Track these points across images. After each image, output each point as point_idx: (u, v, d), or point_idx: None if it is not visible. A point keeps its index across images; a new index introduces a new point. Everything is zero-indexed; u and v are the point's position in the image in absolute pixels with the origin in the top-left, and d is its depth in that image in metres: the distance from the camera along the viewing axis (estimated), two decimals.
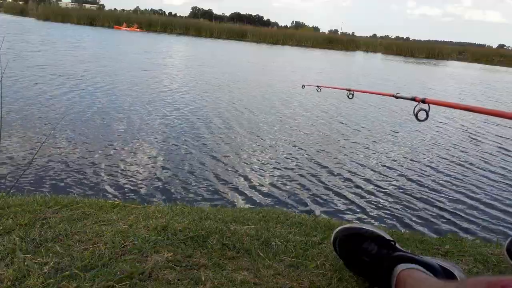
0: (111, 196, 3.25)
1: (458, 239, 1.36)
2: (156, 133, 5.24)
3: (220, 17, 76.59)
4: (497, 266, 1.13)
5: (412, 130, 6.88)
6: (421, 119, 1.07)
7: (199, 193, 3.55)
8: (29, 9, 44.66)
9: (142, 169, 3.98)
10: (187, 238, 1.07)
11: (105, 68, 10.59)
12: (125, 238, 1.04)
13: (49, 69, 9.29)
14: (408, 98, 1.18)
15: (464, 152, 5.75)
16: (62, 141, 4.50)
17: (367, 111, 8.38)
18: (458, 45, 56.22)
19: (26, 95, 6.45)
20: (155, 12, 74.04)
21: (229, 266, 0.96)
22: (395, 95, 1.29)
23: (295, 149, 5.15)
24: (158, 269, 0.91)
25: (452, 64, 33.29)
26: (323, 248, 1.10)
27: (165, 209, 1.34)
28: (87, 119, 5.50)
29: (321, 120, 7.07)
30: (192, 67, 13.66)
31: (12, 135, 4.48)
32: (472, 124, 7.85)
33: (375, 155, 5.23)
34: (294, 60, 21.36)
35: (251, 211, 1.43)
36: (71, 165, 3.85)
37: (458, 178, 4.57)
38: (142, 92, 7.89)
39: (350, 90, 1.90)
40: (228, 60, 17.63)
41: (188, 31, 36.34)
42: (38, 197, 1.35)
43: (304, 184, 3.98)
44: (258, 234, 1.15)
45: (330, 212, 3.43)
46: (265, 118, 6.77)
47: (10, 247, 0.95)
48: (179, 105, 7.06)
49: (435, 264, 0.88)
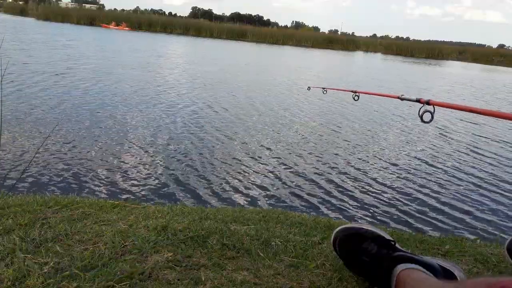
0: (111, 196, 3.25)
1: (458, 239, 1.36)
2: (157, 133, 5.24)
3: (220, 17, 76.63)
4: (497, 266, 1.13)
5: (413, 131, 6.89)
6: (426, 121, 1.07)
7: (199, 193, 3.55)
8: (29, 9, 44.68)
9: (142, 169, 3.98)
10: (187, 238, 1.07)
11: (100, 66, 10.60)
12: (125, 238, 1.04)
13: (45, 67, 9.30)
14: (413, 100, 1.19)
15: (464, 152, 5.75)
16: (62, 141, 4.50)
17: (371, 112, 8.38)
18: (458, 45, 56.23)
19: (24, 95, 6.45)
20: (155, 12, 74.07)
21: (229, 266, 0.96)
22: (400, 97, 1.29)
23: (296, 149, 5.15)
24: (158, 269, 0.91)
25: (452, 64, 33.30)
26: (323, 248, 1.11)
27: (165, 209, 1.34)
28: (86, 119, 5.50)
29: (323, 121, 7.07)
30: (195, 68, 13.66)
31: (12, 135, 4.48)
32: (475, 125, 7.86)
33: (376, 155, 5.24)
34: (295, 60, 21.37)
35: (251, 211, 1.43)
36: (71, 165, 3.85)
37: (458, 178, 4.57)
38: (144, 92, 7.88)
39: (355, 92, 1.89)
40: (233, 60, 17.64)
41: (188, 31, 36.33)
42: (38, 197, 1.35)
43: (305, 184, 3.98)
44: (258, 234, 1.15)
45: (330, 212, 3.43)
46: (266, 118, 6.77)
47: (10, 247, 0.95)
48: (180, 105, 7.06)
49: (435, 264, 0.88)
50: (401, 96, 1.29)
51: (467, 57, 40.71)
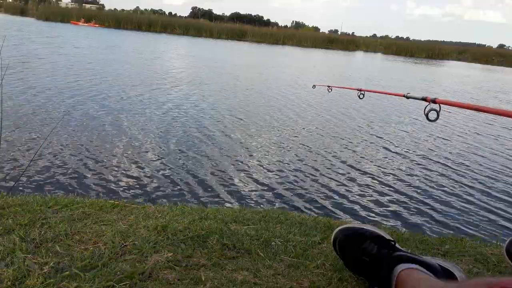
0: (111, 196, 3.25)
1: (458, 239, 1.36)
2: (157, 133, 5.23)
3: (220, 17, 76.52)
4: (497, 266, 1.13)
5: (414, 131, 6.89)
6: (432, 119, 1.06)
7: (199, 193, 3.55)
8: (29, 9, 44.67)
9: (142, 169, 3.98)
10: (187, 238, 1.07)
11: (98, 66, 10.60)
12: (125, 238, 1.04)
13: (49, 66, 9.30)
14: (418, 98, 1.18)
15: (465, 152, 5.75)
16: (62, 141, 4.50)
17: (374, 111, 8.37)
18: (458, 45, 56.19)
19: (24, 94, 6.45)
20: (155, 12, 74.01)
21: (229, 266, 0.96)
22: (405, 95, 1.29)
23: (296, 148, 5.15)
24: (158, 269, 0.91)
25: (453, 64, 33.29)
26: (323, 248, 1.11)
27: (165, 209, 1.34)
28: (86, 119, 5.50)
29: (325, 120, 7.07)
30: (199, 66, 13.66)
31: (12, 135, 4.48)
32: (478, 124, 7.85)
33: (376, 155, 5.24)
34: (296, 60, 21.38)
35: (251, 211, 1.43)
36: (71, 165, 3.85)
37: (458, 178, 4.57)
38: (144, 92, 7.88)
39: (360, 90, 1.89)
40: (232, 60, 17.64)
41: (188, 31, 36.31)
42: (38, 197, 1.35)
43: (305, 184, 3.98)
44: (258, 234, 1.15)
45: (330, 212, 3.43)
46: (266, 118, 6.77)
47: (10, 247, 0.95)
48: (181, 105, 7.05)
49: (435, 264, 0.88)
50: (406, 94, 1.28)
51: (467, 57, 40.69)
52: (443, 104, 1.06)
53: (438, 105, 1.06)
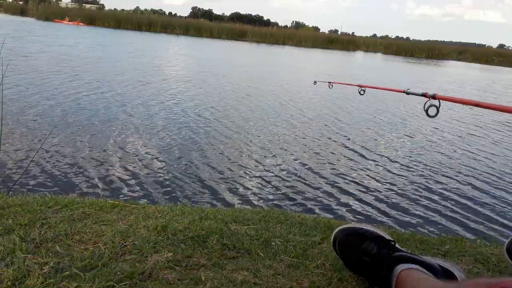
0: (111, 196, 3.25)
1: (458, 239, 1.36)
2: (157, 133, 5.23)
3: (220, 17, 76.47)
4: (497, 266, 1.13)
5: (414, 129, 6.88)
6: (432, 115, 1.06)
7: (199, 193, 3.55)
8: (29, 9, 44.64)
9: (142, 169, 3.98)
10: (187, 238, 1.07)
11: (97, 65, 10.60)
12: (125, 238, 1.04)
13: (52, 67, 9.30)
14: (418, 94, 1.19)
15: (465, 152, 5.75)
16: (62, 141, 4.50)
17: (374, 108, 8.37)
18: (458, 45, 56.16)
19: (24, 94, 6.45)
20: (155, 12, 73.97)
21: (229, 266, 0.96)
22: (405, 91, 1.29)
23: (296, 148, 5.15)
24: (158, 269, 0.91)
25: (453, 64, 33.28)
26: (323, 248, 1.11)
27: (165, 209, 1.34)
28: (86, 120, 5.50)
29: (325, 119, 7.06)
30: (195, 67, 13.66)
31: (12, 135, 4.48)
32: (479, 122, 7.85)
33: (376, 154, 5.23)
34: (296, 60, 21.37)
35: (251, 211, 1.43)
36: (71, 165, 3.85)
37: (458, 178, 4.57)
38: (144, 92, 7.88)
39: (361, 86, 1.89)
40: (233, 60, 17.64)
41: (188, 31, 36.29)
42: (38, 197, 1.35)
43: (305, 184, 3.98)
44: (258, 234, 1.15)
45: (330, 212, 3.43)
46: (266, 117, 6.77)
47: (10, 247, 0.95)
48: (181, 105, 7.06)
49: (435, 264, 0.88)
50: (406, 90, 1.29)
51: (467, 57, 40.68)
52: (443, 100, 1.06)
53: (437, 101, 1.06)
